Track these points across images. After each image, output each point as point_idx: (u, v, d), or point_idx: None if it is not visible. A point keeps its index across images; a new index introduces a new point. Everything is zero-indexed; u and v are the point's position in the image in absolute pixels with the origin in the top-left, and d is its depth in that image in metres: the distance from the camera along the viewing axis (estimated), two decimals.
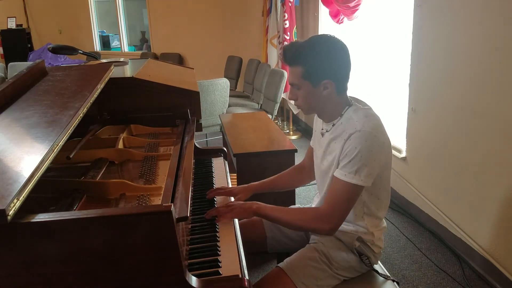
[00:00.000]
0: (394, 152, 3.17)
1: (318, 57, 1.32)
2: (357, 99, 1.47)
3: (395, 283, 1.49)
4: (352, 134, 1.31)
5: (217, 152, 2.01)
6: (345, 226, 1.46)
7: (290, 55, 1.35)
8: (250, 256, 1.49)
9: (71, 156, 1.36)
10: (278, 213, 1.40)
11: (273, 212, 1.40)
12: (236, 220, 1.42)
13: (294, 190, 2.51)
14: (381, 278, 1.50)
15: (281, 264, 1.44)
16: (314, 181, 1.64)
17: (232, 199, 1.58)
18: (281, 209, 1.41)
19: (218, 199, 1.57)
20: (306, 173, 1.70)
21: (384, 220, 1.53)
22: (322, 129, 1.49)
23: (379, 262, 1.58)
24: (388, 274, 1.52)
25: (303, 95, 1.38)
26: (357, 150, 1.29)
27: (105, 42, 8.61)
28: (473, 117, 2.29)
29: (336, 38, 1.37)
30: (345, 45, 1.37)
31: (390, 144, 1.39)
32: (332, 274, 1.43)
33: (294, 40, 4.71)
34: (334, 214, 1.32)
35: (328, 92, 1.36)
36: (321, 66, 1.33)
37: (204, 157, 1.97)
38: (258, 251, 1.71)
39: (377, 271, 1.51)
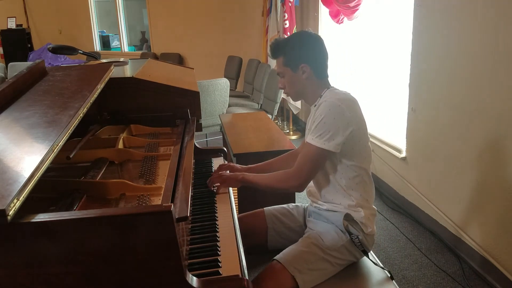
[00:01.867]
0: (394, 152, 3.17)
1: (294, 46, 1.56)
2: (342, 90, 1.60)
3: (393, 281, 1.51)
4: (320, 105, 1.51)
5: (217, 152, 2.01)
6: (333, 205, 1.57)
7: (273, 48, 1.60)
8: (250, 255, 1.50)
9: (71, 156, 1.36)
10: (258, 178, 1.61)
11: (255, 179, 1.61)
12: (236, 219, 1.44)
13: None
14: (375, 271, 1.53)
15: (276, 257, 1.49)
16: None
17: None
18: (261, 175, 1.63)
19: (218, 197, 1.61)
20: None
21: (373, 206, 1.62)
22: (311, 113, 1.64)
23: (372, 252, 1.61)
24: (380, 263, 1.56)
25: (288, 81, 1.59)
26: (322, 116, 1.47)
27: (105, 42, 8.60)
28: (473, 117, 2.29)
29: (310, 31, 1.60)
30: (319, 37, 1.59)
31: (361, 122, 1.52)
32: (323, 257, 1.49)
33: None
34: (300, 173, 1.51)
35: (307, 75, 1.55)
36: (296, 52, 1.55)
37: (204, 157, 1.97)
38: (259, 244, 1.74)
39: (367, 255, 1.55)
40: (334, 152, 1.48)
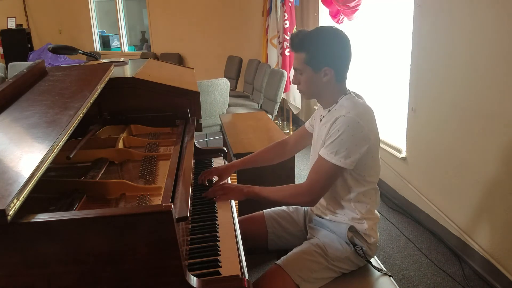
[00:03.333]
0: (394, 152, 3.17)
1: (320, 45, 1.42)
2: (356, 93, 1.54)
3: (391, 278, 1.52)
4: (338, 118, 1.41)
5: (217, 152, 2.01)
6: (336, 216, 1.54)
7: (296, 41, 1.46)
8: (250, 256, 1.49)
9: (71, 156, 1.36)
10: (266, 192, 1.53)
11: (262, 192, 1.53)
12: (236, 219, 1.44)
13: (294, 174, 2.50)
14: (377, 273, 1.53)
15: (278, 261, 1.47)
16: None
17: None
18: (268, 188, 1.54)
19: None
20: (288, 149, 1.80)
21: (376, 212, 1.58)
22: (321, 115, 1.57)
23: (375, 257, 1.61)
24: (384, 268, 1.55)
25: (305, 80, 1.48)
26: (339, 132, 1.38)
27: (105, 42, 8.61)
28: (473, 117, 2.29)
29: (339, 29, 1.46)
30: (347, 37, 1.46)
31: (377, 136, 1.47)
32: (328, 266, 1.47)
33: None
34: (313, 189, 1.44)
35: (328, 79, 1.45)
36: (322, 53, 1.43)
37: (204, 157, 1.97)
38: (259, 247, 1.73)
39: (371, 264, 1.54)
40: (347, 169, 1.42)
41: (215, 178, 1.72)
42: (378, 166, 1.52)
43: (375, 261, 1.60)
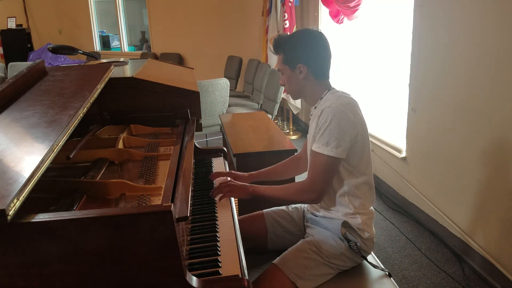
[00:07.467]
0: (394, 152, 3.17)
1: (293, 44, 1.52)
2: (342, 91, 1.58)
3: (391, 278, 1.51)
4: (323, 110, 1.46)
5: (217, 152, 2.01)
6: (330, 212, 1.55)
7: (275, 45, 1.57)
8: (250, 255, 1.49)
9: (71, 156, 1.36)
10: (271, 191, 1.56)
11: (267, 191, 1.56)
12: (236, 219, 1.44)
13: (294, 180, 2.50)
14: (376, 273, 1.53)
15: (274, 261, 1.48)
16: None
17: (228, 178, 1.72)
18: (273, 187, 1.57)
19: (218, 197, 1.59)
20: (302, 164, 1.80)
21: (372, 208, 1.59)
22: (310, 114, 1.62)
23: (373, 254, 1.61)
24: (381, 265, 1.55)
25: (286, 79, 1.57)
26: (327, 123, 1.43)
27: (105, 42, 8.61)
28: (473, 117, 2.29)
29: (314, 30, 1.55)
30: (322, 36, 1.54)
31: (364, 127, 1.50)
32: (323, 263, 1.48)
33: None
34: (315, 184, 1.47)
35: (304, 76, 1.52)
36: (295, 51, 1.51)
37: (204, 157, 1.97)
38: (259, 247, 1.73)
39: (367, 259, 1.54)
40: (341, 158, 1.45)
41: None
42: (369, 158, 1.54)
43: (372, 258, 1.60)
